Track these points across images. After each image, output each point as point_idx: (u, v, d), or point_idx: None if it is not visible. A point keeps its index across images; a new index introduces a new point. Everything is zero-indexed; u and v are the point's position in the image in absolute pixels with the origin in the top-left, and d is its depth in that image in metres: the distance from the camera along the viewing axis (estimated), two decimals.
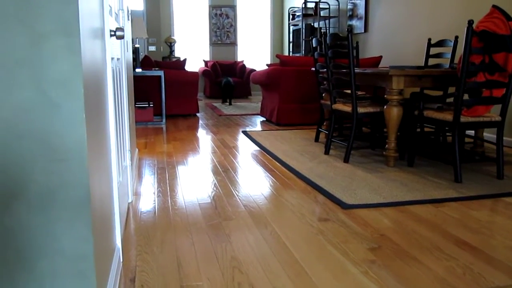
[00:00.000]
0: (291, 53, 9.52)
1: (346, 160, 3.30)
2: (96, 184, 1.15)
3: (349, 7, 7.07)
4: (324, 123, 4.26)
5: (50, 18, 0.97)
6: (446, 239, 1.87)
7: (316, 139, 4.16)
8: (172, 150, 3.82)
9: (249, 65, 10.02)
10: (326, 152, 3.60)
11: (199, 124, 5.46)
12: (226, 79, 6.80)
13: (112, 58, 1.76)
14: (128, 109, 2.44)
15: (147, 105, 5.50)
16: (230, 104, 7.06)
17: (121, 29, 1.64)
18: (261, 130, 5.02)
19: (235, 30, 9.97)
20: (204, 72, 9.11)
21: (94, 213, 1.07)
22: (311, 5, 8.12)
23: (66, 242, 1.02)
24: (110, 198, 1.51)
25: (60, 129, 1.00)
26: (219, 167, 3.20)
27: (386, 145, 3.19)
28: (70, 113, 1.01)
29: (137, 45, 5.51)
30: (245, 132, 4.74)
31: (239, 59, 10.13)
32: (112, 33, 1.64)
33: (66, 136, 1.01)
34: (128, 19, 2.70)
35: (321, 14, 7.80)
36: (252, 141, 4.25)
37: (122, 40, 2.19)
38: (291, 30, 9.30)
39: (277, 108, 5.18)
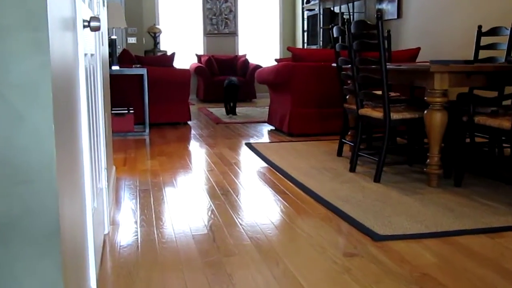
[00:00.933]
0: (305, 45, 9.57)
1: (377, 179, 3.30)
2: (67, 211, 1.14)
3: None
4: (349, 133, 4.27)
5: (11, 8, 0.96)
6: (505, 279, 1.85)
7: (339, 153, 4.17)
8: (158, 167, 3.84)
9: (253, 60, 10.10)
10: (352, 169, 3.61)
11: (192, 135, 5.48)
12: (229, 80, 6.78)
13: (86, 55, 1.79)
14: (103, 117, 2.47)
15: (126, 112, 5.54)
16: (234, 112, 6.94)
17: (97, 19, 1.67)
18: (269, 142, 5.03)
19: (235, 17, 10.08)
20: (197, 70, 9.19)
21: (64, 248, 1.05)
22: None
23: (29, 287, 0.99)
24: (83, 229, 1.51)
25: (23, 143, 0.99)
26: (217, 188, 3.21)
27: (427, 160, 3.19)
28: (36, 124, 1.00)
29: (113, 37, 5.58)
30: (249, 145, 4.76)
31: (240, 53, 10.21)
32: (86, 23, 1.66)
33: (31, 153, 0.99)
34: (104, 6, 2.75)
35: None
36: (258, 155, 4.26)
37: (97, 32, 2.23)
38: (305, 17, 9.38)
39: (288, 114, 5.21)
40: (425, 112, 3.15)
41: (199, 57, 9.79)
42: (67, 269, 1.08)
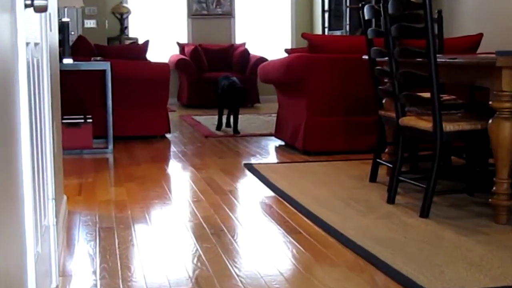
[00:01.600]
0: (327, 31, 9.60)
1: (424, 213, 3.29)
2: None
3: None
4: (386, 150, 4.28)
5: None
6: None
7: (373, 178, 4.17)
8: (126, 197, 3.83)
9: (255, 51, 10.15)
10: (390, 200, 3.60)
11: (171, 153, 5.50)
12: (228, 81, 6.55)
13: (28, 44, 1.80)
14: (51, 129, 2.48)
15: (83, 121, 5.56)
16: (236, 130, 6.59)
17: None
18: (277, 163, 5.03)
19: None
20: (179, 64, 9.26)
21: None
22: None
23: None
24: (21, 282, 1.51)
25: None
26: (206, 226, 3.20)
27: (494, 187, 3.18)
28: None
29: (66, 20, 5.63)
30: (249, 167, 4.76)
31: (238, 41, 10.29)
32: (28, 2, 1.68)
33: None
34: None
35: None
36: (262, 181, 4.26)
37: (44, 13, 2.25)
38: None
39: (303, 125, 5.22)
40: (490, 121, 3.15)
41: (181, 46, 9.87)
42: None
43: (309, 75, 5.13)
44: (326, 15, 9.27)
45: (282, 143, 5.90)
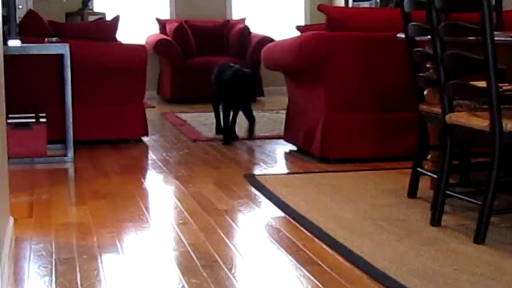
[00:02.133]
0: (350, 2, 9.58)
1: (480, 238, 3.26)
2: None
3: None
4: (429, 157, 4.27)
5: None
6: None
7: (412, 192, 4.16)
8: (90, 219, 3.82)
9: (257, 29, 10.13)
10: (436, 221, 3.58)
11: (149, 162, 5.50)
12: (231, 69, 6.16)
13: None
14: None
15: (34, 121, 5.54)
16: (252, 135, 6.39)
17: None
18: (287, 174, 5.03)
19: None
20: (160, 47, 9.26)
21: None
22: None
23: None
24: None
25: None
26: (195, 256, 3.19)
27: None
28: None
29: None
30: (251, 179, 4.75)
31: (235, 16, 10.30)
32: None
33: None
34: None
35: None
36: (268, 197, 4.26)
37: None
38: None
39: (321, 124, 5.21)
40: None
41: (162, 23, 9.86)
42: None
43: (328, 59, 5.12)
44: None
45: (294, 147, 5.88)
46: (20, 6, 8.29)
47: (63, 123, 5.63)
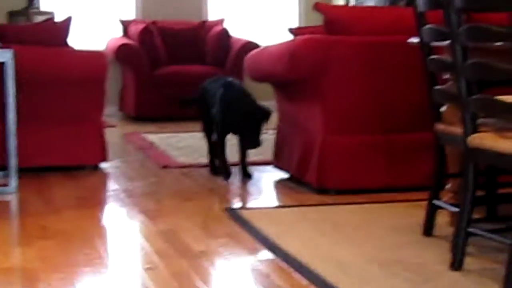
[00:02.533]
0: (352, 1, 9.61)
1: (509, 285, 3.25)
2: None
3: None
4: (448, 186, 4.27)
5: None
6: None
7: (428, 230, 4.16)
8: (38, 263, 3.79)
9: (239, 31, 10.16)
10: (457, 265, 3.57)
11: (110, 193, 5.50)
12: (232, 90, 5.63)
13: None
14: None
15: None
16: (245, 166, 5.92)
17: None
18: (278, 207, 5.02)
19: None
20: (123, 53, 9.29)
21: None
22: None
23: None
24: None
25: None
26: None
27: None
28: None
29: None
30: (234, 213, 4.74)
31: (212, 17, 10.35)
32: None
33: None
34: None
35: None
36: (254, 236, 4.25)
37: None
38: None
39: (318, 148, 5.22)
40: None
41: (125, 25, 9.89)
42: None
43: (327, 69, 5.14)
44: None
45: (285, 175, 5.90)
46: None
47: (4, 145, 5.61)
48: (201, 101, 6.09)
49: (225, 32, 9.50)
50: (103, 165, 6.39)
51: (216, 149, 5.99)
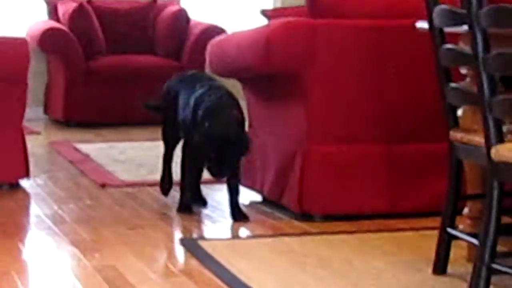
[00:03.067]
0: None
1: None
2: None
3: None
4: (466, 211, 4.31)
5: None
6: None
7: (440, 266, 4.16)
8: None
9: (199, 13, 10.17)
10: None
11: (32, 219, 5.50)
12: (220, 105, 5.44)
13: None
14: None
15: None
16: (236, 205, 5.55)
17: None
18: (247, 238, 5.04)
19: None
20: (48, 39, 9.28)
21: None
22: None
23: None
24: None
25: None
26: None
27: None
28: None
29: None
30: (191, 245, 4.74)
31: None
32: None
33: None
34: None
35: None
36: (217, 274, 4.23)
37: None
38: None
39: (299, 162, 5.25)
40: None
41: (52, 5, 9.89)
42: None
43: (311, 61, 5.16)
44: None
45: (258, 197, 5.92)
46: None
47: None
48: (167, 105, 5.89)
49: (181, 14, 9.52)
50: (24, 183, 6.39)
51: (189, 174, 5.75)
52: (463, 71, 4.14)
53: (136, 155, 7.46)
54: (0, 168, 6.17)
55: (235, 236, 5.11)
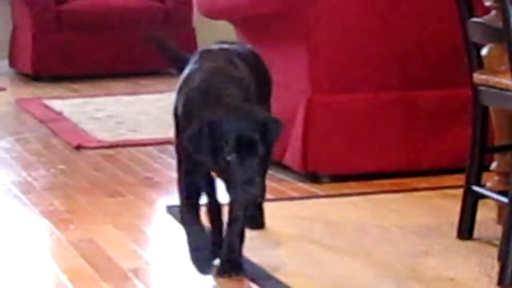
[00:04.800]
0: None
1: None
2: None
3: None
4: (494, 165, 4.26)
5: None
6: None
7: (465, 230, 4.11)
8: None
9: None
10: (507, 280, 3.54)
11: None
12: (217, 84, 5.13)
13: None
14: None
15: None
16: (261, 213, 5.10)
17: None
18: None
19: None
20: None
21: None
22: None
23: None
24: None
25: None
26: None
27: None
28: None
29: None
30: (178, 214, 4.67)
31: None
32: None
33: None
34: None
35: None
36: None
37: None
38: None
39: (303, 114, 5.21)
40: None
41: None
42: None
43: (315, 1, 5.11)
44: None
45: None
46: None
47: None
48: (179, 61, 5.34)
49: None
50: None
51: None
52: (488, 3, 4.08)
53: (115, 112, 7.47)
54: None
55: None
